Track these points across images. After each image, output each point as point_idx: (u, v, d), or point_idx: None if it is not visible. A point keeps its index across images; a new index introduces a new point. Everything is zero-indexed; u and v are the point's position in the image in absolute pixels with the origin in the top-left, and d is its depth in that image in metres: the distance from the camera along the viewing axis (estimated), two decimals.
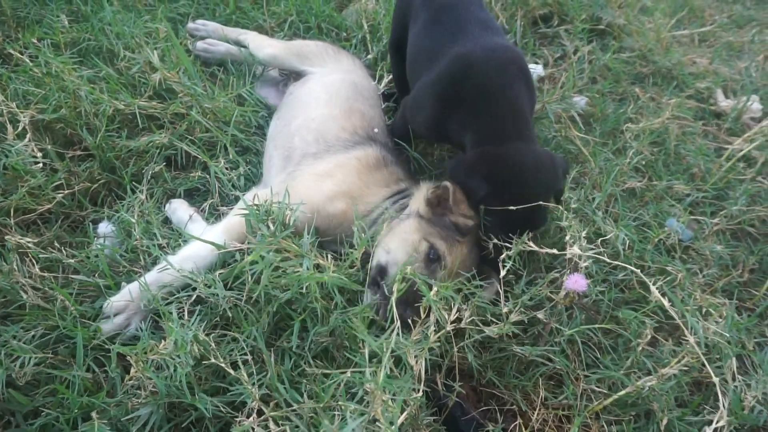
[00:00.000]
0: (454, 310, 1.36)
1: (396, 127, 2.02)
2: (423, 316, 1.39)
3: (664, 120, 2.25)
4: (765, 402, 1.39)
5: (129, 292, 1.48)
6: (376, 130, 2.02)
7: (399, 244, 1.57)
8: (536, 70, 2.60)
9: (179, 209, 1.83)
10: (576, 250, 1.45)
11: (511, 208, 1.51)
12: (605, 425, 1.44)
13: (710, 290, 1.74)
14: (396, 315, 1.34)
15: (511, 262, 1.46)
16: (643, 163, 2.15)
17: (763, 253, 1.89)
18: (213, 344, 1.35)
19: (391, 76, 2.36)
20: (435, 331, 1.36)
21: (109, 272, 1.54)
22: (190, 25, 2.51)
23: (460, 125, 1.67)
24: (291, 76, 2.38)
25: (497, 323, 1.41)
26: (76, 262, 1.59)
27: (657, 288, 1.36)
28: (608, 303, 1.63)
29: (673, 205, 2.05)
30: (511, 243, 1.51)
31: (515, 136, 1.60)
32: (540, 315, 1.48)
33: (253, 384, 1.30)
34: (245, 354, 1.39)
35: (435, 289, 1.37)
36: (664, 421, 1.38)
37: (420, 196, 1.68)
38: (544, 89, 2.53)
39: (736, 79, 2.70)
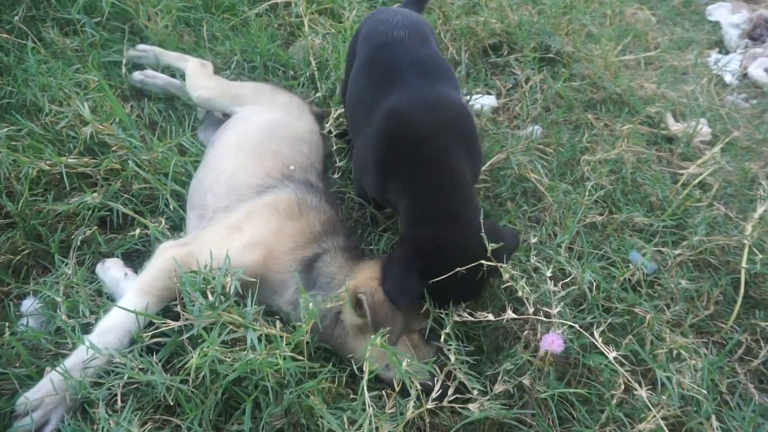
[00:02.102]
0: (437, 386, 1.27)
1: (356, 188, 1.90)
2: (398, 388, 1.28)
3: (619, 150, 2.24)
4: None
5: (50, 381, 1.30)
6: (291, 167, 1.86)
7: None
8: (489, 101, 2.57)
9: (112, 268, 1.67)
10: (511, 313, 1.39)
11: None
12: None
13: (679, 330, 1.69)
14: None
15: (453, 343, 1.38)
16: (602, 194, 2.12)
17: (725, 284, 1.87)
18: None
19: (337, 113, 2.28)
20: (415, 406, 1.26)
21: (28, 360, 1.37)
22: (131, 52, 2.39)
23: (395, 192, 1.55)
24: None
25: (477, 399, 1.32)
26: None
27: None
28: (577, 350, 1.56)
29: (634, 236, 2.02)
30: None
31: (453, 216, 1.46)
32: (525, 381, 1.39)
33: None
34: None
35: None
36: None
37: (346, 308, 1.49)
38: (499, 120, 2.50)
39: (684, 102, 2.73)
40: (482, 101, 2.53)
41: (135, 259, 1.80)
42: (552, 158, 2.26)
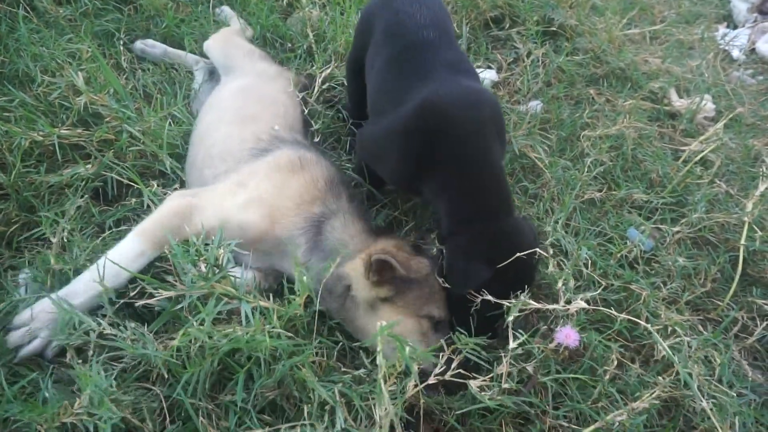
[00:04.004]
0: (442, 361, 1.26)
1: (358, 167, 1.87)
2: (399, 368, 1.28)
3: (621, 126, 2.20)
4: None
5: (47, 300, 1.37)
6: (276, 127, 1.86)
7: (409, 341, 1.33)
8: (490, 75, 2.52)
9: None
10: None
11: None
12: None
13: (675, 306, 1.68)
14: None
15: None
16: (602, 170, 2.09)
17: (723, 261, 1.85)
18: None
19: (321, 79, 2.26)
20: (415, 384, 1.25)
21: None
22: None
23: (433, 189, 1.53)
24: None
25: (482, 378, 1.31)
26: None
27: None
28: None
29: (633, 213, 2.00)
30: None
31: (503, 210, 1.49)
32: (529, 367, 1.39)
33: None
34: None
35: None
36: None
37: (359, 281, 1.48)
38: (500, 95, 2.46)
39: (688, 78, 2.68)
40: (483, 76, 2.48)
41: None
42: (552, 135, 2.23)
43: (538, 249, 1.44)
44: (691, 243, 1.93)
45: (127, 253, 1.46)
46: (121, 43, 2.34)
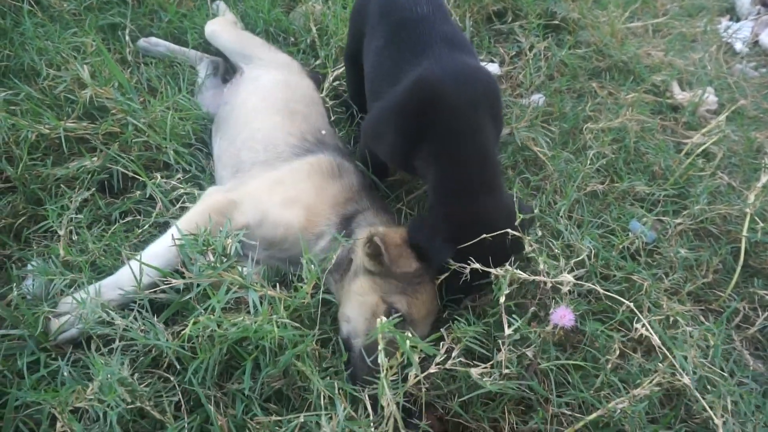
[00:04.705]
0: (443, 350, 1.27)
1: (361, 155, 1.88)
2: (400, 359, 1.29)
3: (623, 119, 2.20)
4: None
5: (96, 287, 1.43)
6: (323, 131, 1.92)
7: (357, 311, 1.46)
8: (492, 69, 2.52)
9: None
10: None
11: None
12: None
13: (677, 297, 1.70)
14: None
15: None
16: (604, 162, 2.10)
17: (725, 253, 1.86)
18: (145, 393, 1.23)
19: (332, 78, 2.29)
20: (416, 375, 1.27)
21: (33, 320, 1.39)
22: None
23: (424, 161, 1.54)
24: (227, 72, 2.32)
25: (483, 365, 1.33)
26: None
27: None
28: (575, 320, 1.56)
29: (635, 205, 2.01)
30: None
31: (483, 188, 1.47)
32: (529, 353, 1.40)
33: None
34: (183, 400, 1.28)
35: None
36: None
37: (360, 248, 1.55)
38: (503, 88, 2.47)
39: (691, 70, 2.68)
40: None
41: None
42: (554, 127, 2.24)
43: (509, 230, 1.41)
44: (693, 234, 1.94)
45: (166, 252, 1.50)
46: (128, 31, 2.34)
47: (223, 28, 2.33)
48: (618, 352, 1.46)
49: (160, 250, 1.51)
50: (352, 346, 1.44)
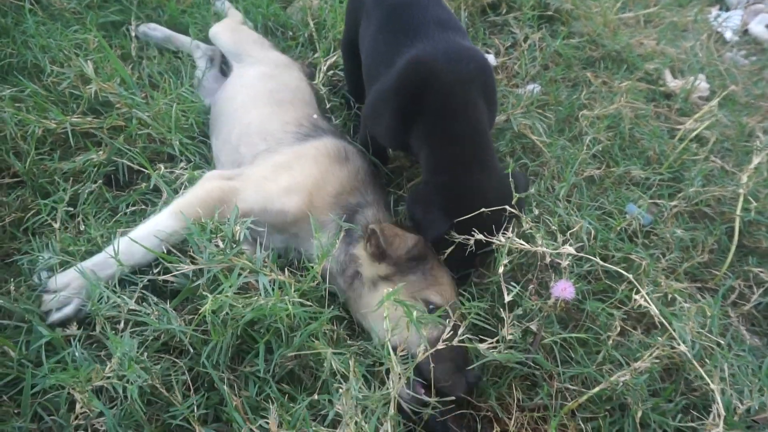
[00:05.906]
0: (449, 327, 1.31)
1: (362, 140, 1.91)
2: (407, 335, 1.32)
3: (618, 106, 2.25)
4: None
5: (78, 269, 1.41)
6: (315, 116, 1.92)
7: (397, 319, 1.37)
8: (488, 60, 2.56)
9: None
10: (544, 248, 1.42)
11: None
12: (581, 423, 1.42)
13: (674, 275, 1.74)
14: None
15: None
16: (600, 149, 2.14)
17: (720, 233, 1.91)
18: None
19: (325, 68, 2.32)
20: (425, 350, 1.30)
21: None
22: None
23: (418, 140, 1.57)
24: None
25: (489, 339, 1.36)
26: (6, 302, 1.44)
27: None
28: (576, 296, 1.61)
29: (632, 189, 2.05)
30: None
31: (476, 162, 1.51)
32: (533, 326, 1.44)
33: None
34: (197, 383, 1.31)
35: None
36: (639, 414, 1.37)
37: (366, 259, 1.55)
38: (498, 78, 2.50)
39: (683, 58, 2.74)
40: None
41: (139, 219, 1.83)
42: (550, 115, 2.28)
43: (507, 206, 1.46)
44: (688, 216, 1.99)
45: (161, 231, 1.48)
46: (134, 26, 2.35)
47: (223, 30, 2.34)
48: (618, 329, 1.50)
49: (145, 235, 1.47)
50: (415, 354, 1.31)
